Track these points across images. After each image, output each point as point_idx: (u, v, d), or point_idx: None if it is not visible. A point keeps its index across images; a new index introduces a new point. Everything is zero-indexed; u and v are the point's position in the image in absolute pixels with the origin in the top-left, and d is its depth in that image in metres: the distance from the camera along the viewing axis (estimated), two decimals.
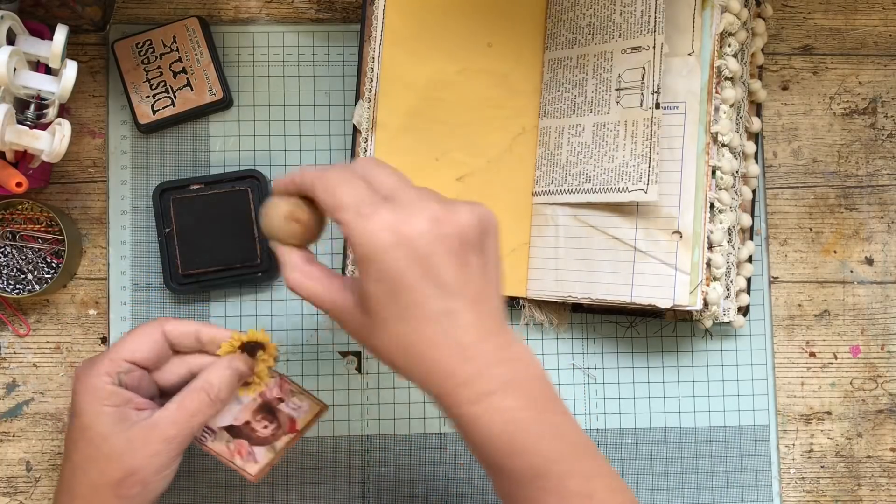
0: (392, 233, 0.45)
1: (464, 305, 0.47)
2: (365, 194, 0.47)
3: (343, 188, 0.47)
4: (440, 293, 0.46)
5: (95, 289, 0.69)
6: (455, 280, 0.46)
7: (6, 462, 0.68)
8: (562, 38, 0.67)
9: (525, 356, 0.49)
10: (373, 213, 0.46)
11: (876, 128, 0.72)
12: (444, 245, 0.46)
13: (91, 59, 0.70)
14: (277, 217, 0.51)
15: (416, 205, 0.46)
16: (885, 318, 0.71)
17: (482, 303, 0.47)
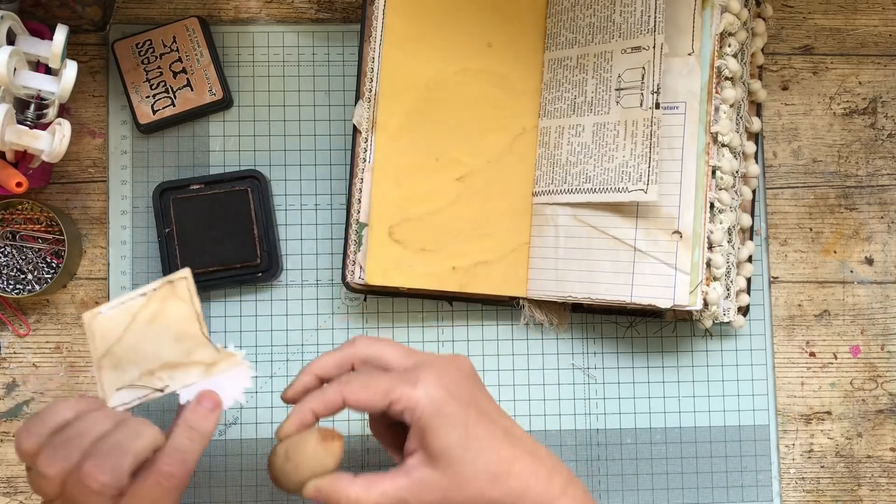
0: (441, 387, 0.52)
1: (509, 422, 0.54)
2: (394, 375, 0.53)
3: (376, 378, 0.52)
4: (494, 417, 0.53)
5: (95, 289, 0.69)
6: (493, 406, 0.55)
7: (6, 462, 0.68)
8: (562, 38, 0.67)
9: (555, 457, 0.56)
10: (416, 379, 0.52)
11: (876, 128, 0.72)
12: (473, 384, 0.54)
13: (91, 59, 0.70)
14: (312, 448, 0.51)
15: (434, 360, 0.54)
16: (885, 318, 0.71)
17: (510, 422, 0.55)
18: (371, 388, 0.52)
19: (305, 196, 0.70)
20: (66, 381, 0.68)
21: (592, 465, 0.69)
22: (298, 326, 0.69)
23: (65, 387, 0.68)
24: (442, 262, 0.66)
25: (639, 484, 0.69)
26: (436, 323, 0.70)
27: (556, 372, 0.70)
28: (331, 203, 0.70)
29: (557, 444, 0.69)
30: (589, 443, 0.69)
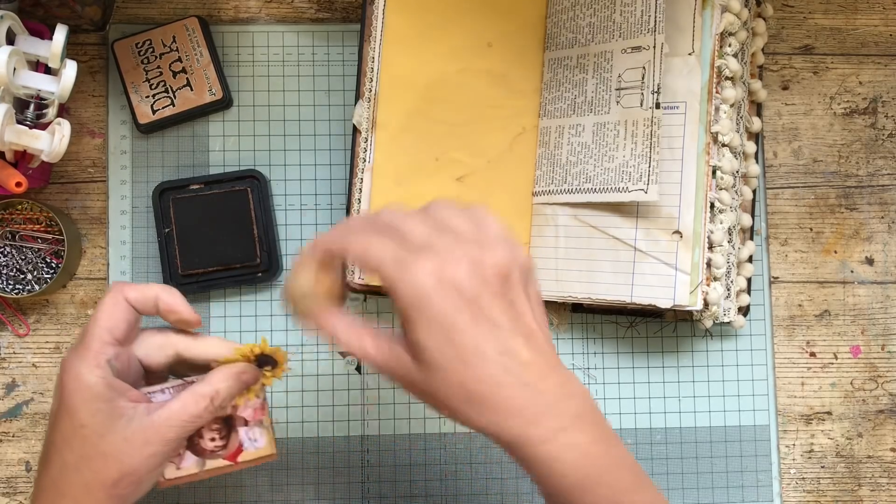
0: (436, 278, 0.45)
1: (520, 342, 0.46)
2: (399, 248, 0.46)
3: (377, 243, 0.46)
4: (495, 333, 0.46)
5: (95, 289, 0.69)
6: (506, 319, 0.46)
7: (6, 462, 0.68)
8: (562, 38, 0.67)
9: (584, 390, 0.48)
10: (413, 262, 0.45)
11: (876, 128, 0.72)
12: (489, 285, 0.46)
13: (91, 58, 0.70)
14: (307, 280, 0.49)
15: (454, 249, 0.46)
16: (886, 318, 0.71)
17: (535, 340, 0.47)
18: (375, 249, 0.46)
19: (305, 196, 0.70)
20: None
21: None
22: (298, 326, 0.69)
23: None
24: None
25: None
26: None
27: None
28: (331, 203, 0.70)
29: None
30: None
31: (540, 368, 0.46)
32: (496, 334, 0.46)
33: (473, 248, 0.46)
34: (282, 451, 0.68)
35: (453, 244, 0.46)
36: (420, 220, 0.47)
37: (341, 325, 0.49)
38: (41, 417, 0.68)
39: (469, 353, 0.45)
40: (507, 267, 0.46)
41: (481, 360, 0.45)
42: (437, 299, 0.45)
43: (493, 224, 0.48)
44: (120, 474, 0.51)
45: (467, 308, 0.45)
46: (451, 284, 0.45)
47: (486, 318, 0.45)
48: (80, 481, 0.51)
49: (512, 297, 0.46)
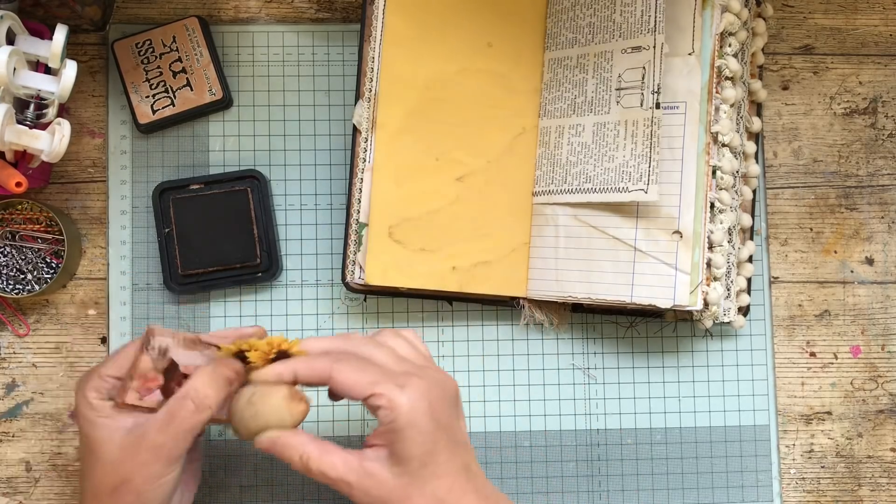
0: (425, 401, 0.51)
1: (472, 458, 0.55)
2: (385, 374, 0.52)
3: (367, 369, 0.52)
4: (461, 451, 0.53)
5: (95, 289, 0.69)
6: (464, 437, 0.55)
7: (6, 462, 0.68)
8: (562, 38, 0.67)
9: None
10: (404, 384, 0.51)
11: (876, 128, 0.72)
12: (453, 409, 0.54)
13: (91, 58, 0.70)
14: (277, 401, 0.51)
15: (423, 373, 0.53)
16: (886, 318, 0.71)
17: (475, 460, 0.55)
18: (361, 374, 0.51)
19: (305, 196, 0.70)
20: (65, 382, 0.68)
21: (592, 465, 0.69)
22: (298, 326, 0.69)
23: (64, 387, 0.68)
24: (442, 263, 0.66)
25: (639, 484, 0.69)
26: (436, 323, 0.70)
27: (556, 372, 0.69)
28: (331, 203, 0.70)
29: (557, 444, 0.69)
30: (589, 443, 0.69)
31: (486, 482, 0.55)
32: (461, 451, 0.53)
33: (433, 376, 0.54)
34: None
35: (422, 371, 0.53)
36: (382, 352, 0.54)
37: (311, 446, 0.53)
38: (41, 417, 0.68)
39: (443, 468, 0.52)
40: (456, 391, 0.55)
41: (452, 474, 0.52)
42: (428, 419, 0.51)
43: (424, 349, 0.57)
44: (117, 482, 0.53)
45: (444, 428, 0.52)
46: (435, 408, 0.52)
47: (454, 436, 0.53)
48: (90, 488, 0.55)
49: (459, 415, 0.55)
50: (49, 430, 0.68)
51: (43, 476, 0.68)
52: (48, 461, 0.68)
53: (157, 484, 0.53)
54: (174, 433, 0.53)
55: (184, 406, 0.53)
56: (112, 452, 0.53)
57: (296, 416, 0.52)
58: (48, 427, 0.68)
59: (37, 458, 0.68)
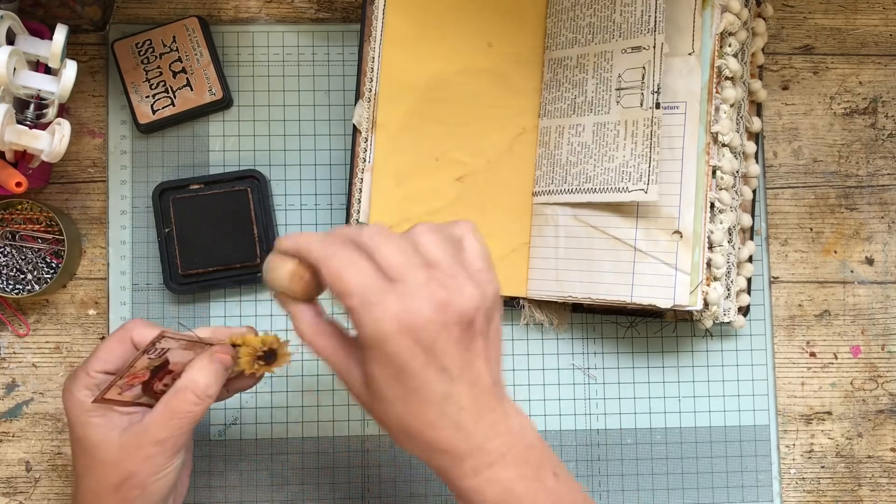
0: (398, 322, 0.46)
1: (463, 388, 0.48)
2: (370, 279, 0.47)
3: (348, 272, 0.47)
4: (441, 378, 0.48)
5: (95, 289, 0.69)
6: (456, 365, 0.48)
7: (6, 462, 0.68)
8: (562, 38, 0.67)
9: (521, 425, 0.51)
10: (378, 302, 0.46)
11: (876, 128, 0.72)
12: (449, 332, 0.47)
13: (91, 58, 0.70)
14: (283, 275, 0.50)
15: (422, 291, 0.47)
16: (886, 318, 0.71)
17: (481, 381, 0.49)
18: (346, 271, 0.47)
19: (305, 196, 0.70)
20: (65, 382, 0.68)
21: (592, 465, 0.69)
22: None
23: None
24: None
25: (639, 484, 0.69)
26: None
27: (556, 372, 0.69)
28: (331, 203, 0.70)
29: (557, 445, 0.69)
30: (589, 443, 0.69)
31: (476, 410, 0.49)
32: (441, 379, 0.48)
33: (442, 287, 0.47)
34: (282, 451, 0.68)
35: (423, 282, 0.47)
36: (398, 248, 0.48)
37: (306, 319, 0.51)
38: (41, 417, 0.68)
39: (412, 395, 0.48)
40: (470, 313, 0.48)
41: (423, 402, 0.48)
42: (394, 343, 0.46)
43: (472, 251, 0.50)
44: (120, 479, 0.53)
45: (421, 354, 0.47)
46: (411, 330, 0.46)
47: (436, 364, 0.47)
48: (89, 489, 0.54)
49: (467, 343, 0.48)
50: (49, 430, 0.68)
51: (43, 476, 0.68)
52: (48, 461, 0.68)
53: (161, 475, 0.54)
54: (177, 426, 0.53)
55: (185, 399, 0.53)
56: (111, 452, 0.53)
57: (296, 291, 0.51)
58: (48, 427, 0.68)
59: (37, 459, 0.68)
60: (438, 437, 0.48)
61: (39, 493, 0.68)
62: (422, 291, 0.47)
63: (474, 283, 0.48)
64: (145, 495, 0.53)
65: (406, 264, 0.48)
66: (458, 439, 0.48)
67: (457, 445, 0.48)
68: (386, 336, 0.46)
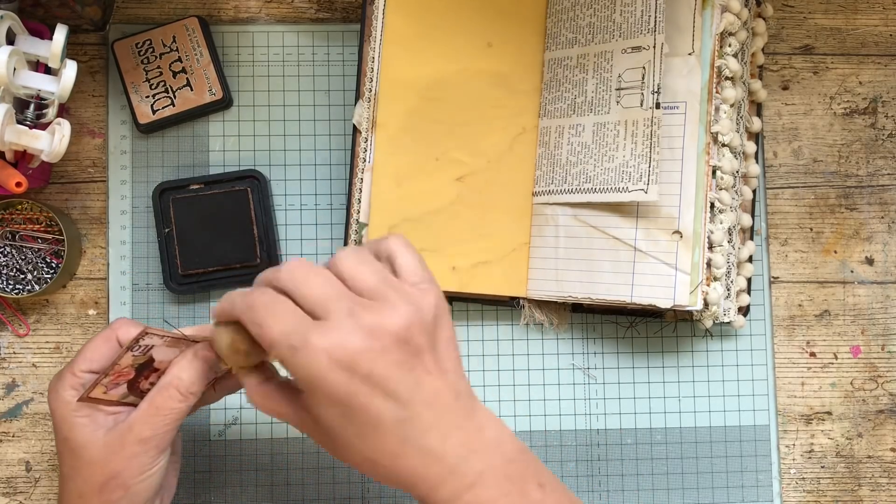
0: (327, 357, 0.44)
1: (420, 410, 0.46)
2: (292, 322, 0.45)
3: (268, 321, 0.45)
4: (392, 405, 0.45)
5: (95, 289, 0.69)
6: (405, 388, 0.45)
7: (6, 462, 0.68)
8: (562, 38, 0.67)
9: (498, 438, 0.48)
10: (303, 345, 0.44)
11: (876, 128, 0.72)
12: (386, 356, 0.45)
13: (91, 58, 0.70)
14: (221, 350, 0.50)
15: (347, 322, 0.45)
16: (886, 318, 0.71)
17: (439, 399, 0.47)
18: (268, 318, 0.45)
19: (305, 196, 0.70)
20: None
21: (592, 465, 0.69)
22: None
23: None
24: (442, 262, 0.66)
25: (639, 484, 0.69)
26: None
27: (556, 372, 0.69)
28: (331, 203, 0.70)
29: (557, 445, 0.69)
30: (589, 443, 0.69)
31: (441, 430, 0.46)
32: (392, 406, 0.45)
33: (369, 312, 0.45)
34: (282, 450, 0.68)
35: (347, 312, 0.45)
36: (318, 282, 0.46)
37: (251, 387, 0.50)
38: (41, 417, 0.68)
39: (366, 429, 0.46)
40: (406, 330, 0.45)
41: (379, 434, 0.46)
42: (330, 381, 0.44)
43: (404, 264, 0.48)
44: (104, 479, 0.53)
45: (361, 385, 0.45)
46: (344, 364, 0.44)
47: (382, 391, 0.45)
48: (75, 490, 0.54)
49: (411, 364, 0.46)
50: (49, 430, 0.68)
51: (43, 476, 0.68)
52: (48, 461, 0.68)
53: (146, 475, 0.53)
54: (161, 423, 0.53)
55: (169, 396, 0.53)
56: (96, 453, 0.53)
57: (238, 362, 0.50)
58: (48, 427, 0.68)
59: (37, 459, 0.68)
60: (406, 466, 0.46)
61: (39, 493, 0.68)
62: (347, 323, 0.45)
63: (404, 299, 0.46)
64: (130, 496, 0.53)
65: (328, 298, 0.46)
66: (428, 465, 0.46)
67: (427, 472, 0.46)
68: (319, 375, 0.44)
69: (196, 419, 0.67)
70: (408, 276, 0.48)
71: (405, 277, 0.48)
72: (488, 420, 0.48)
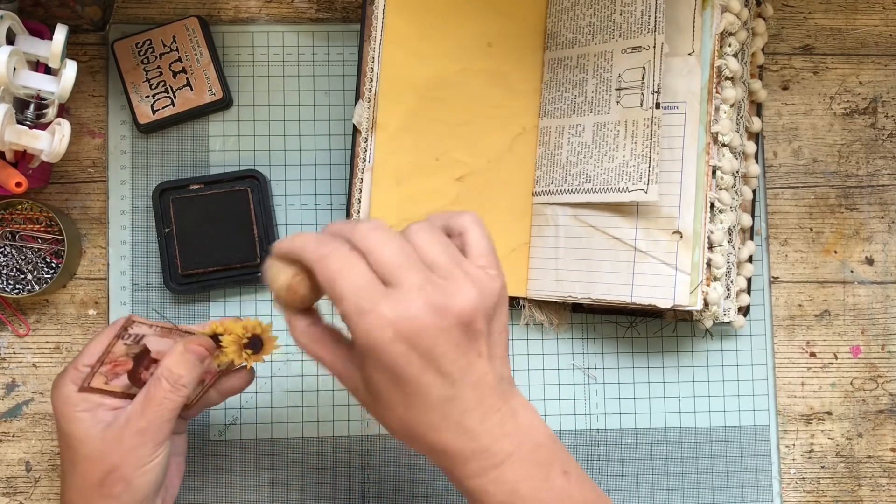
0: (392, 329, 0.45)
1: (465, 391, 0.47)
2: (363, 283, 0.46)
3: (342, 276, 0.46)
4: (442, 382, 0.46)
5: (95, 289, 0.69)
6: (457, 368, 0.47)
7: (6, 462, 0.68)
8: (562, 38, 0.67)
9: (530, 423, 0.49)
10: (371, 309, 0.45)
11: (876, 128, 0.72)
12: (447, 336, 0.46)
13: (91, 58, 0.70)
14: (278, 286, 0.50)
15: (417, 295, 0.45)
16: (886, 318, 0.71)
17: (484, 382, 0.48)
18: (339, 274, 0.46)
19: (305, 196, 0.70)
20: None
21: (592, 465, 0.69)
22: None
23: None
24: None
25: (639, 484, 0.69)
26: None
27: (556, 372, 0.69)
28: (331, 203, 0.70)
29: None
30: (589, 443, 0.69)
31: (481, 412, 0.48)
32: (442, 384, 0.46)
33: (438, 291, 0.46)
34: (282, 451, 0.68)
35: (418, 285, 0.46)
36: (393, 249, 0.47)
37: (300, 328, 0.50)
38: (41, 417, 0.68)
39: (412, 399, 0.47)
40: (469, 315, 0.46)
41: (424, 406, 0.47)
42: (390, 350, 0.45)
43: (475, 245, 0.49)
44: (104, 473, 0.53)
45: (419, 360, 0.46)
46: (407, 336, 0.45)
47: (436, 368, 0.46)
48: (74, 485, 0.54)
49: (468, 345, 0.47)
50: (49, 430, 0.68)
51: (43, 476, 0.68)
52: (48, 461, 0.68)
53: (145, 470, 0.53)
54: (154, 414, 0.53)
55: (160, 386, 0.53)
56: (95, 447, 0.53)
57: (292, 302, 0.50)
58: (48, 427, 0.68)
59: (37, 459, 0.68)
60: (442, 440, 0.48)
61: (39, 493, 0.68)
62: (417, 296, 0.45)
63: (472, 282, 0.47)
64: (130, 490, 0.53)
65: (401, 267, 0.46)
66: (463, 441, 0.48)
67: (461, 447, 0.48)
68: (381, 344, 0.45)
69: (196, 419, 0.68)
70: (477, 256, 0.49)
71: (474, 258, 0.49)
72: (523, 406, 0.50)
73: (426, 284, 0.46)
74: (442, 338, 0.46)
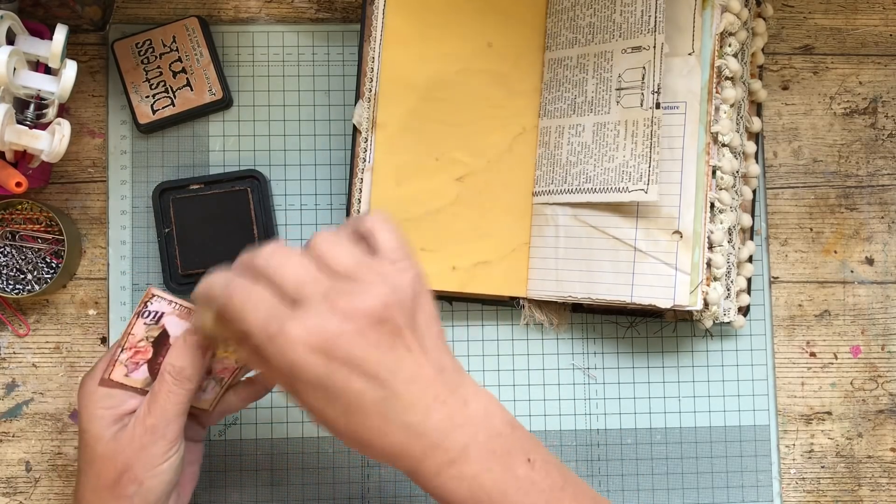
0: (304, 344, 0.44)
1: (401, 388, 0.46)
2: (267, 309, 0.45)
3: (246, 309, 0.45)
4: (372, 385, 0.45)
5: (95, 289, 0.69)
6: (384, 368, 0.45)
7: (6, 462, 0.68)
8: (562, 38, 0.67)
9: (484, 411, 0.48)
10: (279, 330, 0.44)
11: (876, 128, 0.72)
12: (363, 337, 0.45)
13: (91, 58, 0.70)
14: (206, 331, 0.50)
15: (323, 305, 0.45)
16: (886, 318, 0.71)
17: (421, 374, 0.46)
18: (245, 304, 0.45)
19: (305, 196, 0.70)
20: (65, 382, 0.68)
21: (592, 465, 0.69)
22: None
23: (64, 387, 0.68)
24: (442, 262, 0.66)
25: (639, 484, 0.69)
26: None
27: (556, 372, 0.69)
28: (331, 203, 0.70)
29: (557, 445, 0.69)
30: (589, 443, 0.69)
31: (424, 406, 0.46)
32: (373, 386, 0.45)
33: (344, 295, 0.45)
34: (282, 451, 0.68)
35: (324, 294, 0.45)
36: (295, 266, 0.46)
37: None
38: (41, 417, 0.68)
39: (350, 409, 0.45)
40: (381, 311, 0.45)
41: (362, 413, 0.45)
42: (310, 365, 0.44)
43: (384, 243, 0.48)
44: (116, 474, 0.53)
45: (342, 368, 0.45)
46: (321, 348, 0.44)
47: (361, 373, 0.45)
48: (89, 485, 0.54)
49: (390, 343, 0.46)
50: (49, 430, 0.68)
51: (43, 476, 0.68)
52: (48, 461, 0.68)
53: (157, 471, 0.53)
54: (160, 410, 0.53)
55: (163, 381, 0.53)
56: (109, 446, 0.53)
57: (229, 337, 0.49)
58: (48, 427, 0.68)
59: (37, 459, 0.68)
60: (391, 443, 0.46)
61: (39, 493, 0.68)
62: (321, 306, 0.45)
63: (381, 279, 0.46)
64: (142, 492, 0.53)
65: (303, 283, 0.45)
66: (412, 440, 0.46)
67: (411, 447, 0.46)
68: (297, 362, 0.44)
69: None
70: (386, 254, 0.48)
71: (384, 256, 0.48)
72: (475, 394, 0.48)
73: (329, 292, 0.45)
74: (358, 341, 0.45)
